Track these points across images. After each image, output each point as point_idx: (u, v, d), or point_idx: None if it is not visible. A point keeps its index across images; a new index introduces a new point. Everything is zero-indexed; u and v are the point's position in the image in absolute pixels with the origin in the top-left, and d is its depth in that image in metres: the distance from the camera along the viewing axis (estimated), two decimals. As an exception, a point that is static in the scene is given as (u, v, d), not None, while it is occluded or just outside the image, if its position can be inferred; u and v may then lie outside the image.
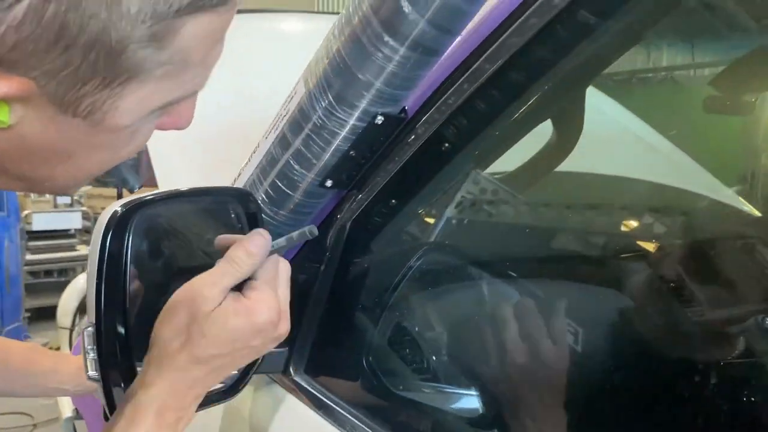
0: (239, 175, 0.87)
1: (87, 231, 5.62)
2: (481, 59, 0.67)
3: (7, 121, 0.41)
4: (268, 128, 0.82)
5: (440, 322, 0.86)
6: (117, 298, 0.61)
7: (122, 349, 0.62)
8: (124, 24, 0.40)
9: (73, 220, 5.31)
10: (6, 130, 0.42)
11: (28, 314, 4.95)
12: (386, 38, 0.67)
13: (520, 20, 0.64)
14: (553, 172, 0.83)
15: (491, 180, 0.79)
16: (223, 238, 0.65)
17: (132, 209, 0.62)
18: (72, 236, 5.44)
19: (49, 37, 0.38)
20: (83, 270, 5.75)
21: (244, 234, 0.76)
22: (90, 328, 0.61)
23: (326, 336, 0.85)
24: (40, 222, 5.02)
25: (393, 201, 0.79)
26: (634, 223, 0.90)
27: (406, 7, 0.65)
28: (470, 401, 0.81)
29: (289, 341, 0.85)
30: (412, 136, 0.74)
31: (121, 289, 0.62)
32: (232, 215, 0.77)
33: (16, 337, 4.06)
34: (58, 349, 4.24)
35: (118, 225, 0.61)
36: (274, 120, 0.81)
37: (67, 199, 5.60)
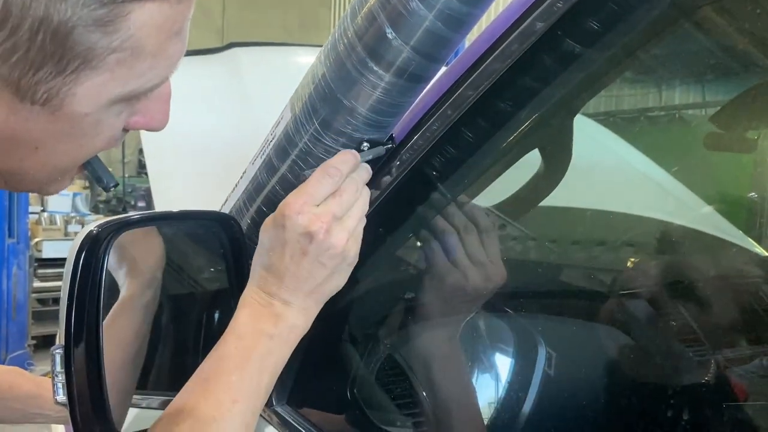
0: (226, 200, 0.86)
1: (96, 259, 5.66)
2: (464, 86, 0.66)
3: None
4: (255, 153, 0.82)
5: (427, 350, 0.84)
6: (89, 321, 0.60)
7: (92, 373, 0.60)
8: (66, 6, 0.41)
9: (82, 249, 5.33)
10: None
11: (34, 342, 4.95)
12: (371, 64, 0.67)
13: (502, 47, 0.63)
14: (543, 206, 0.82)
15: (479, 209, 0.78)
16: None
17: (107, 230, 0.62)
18: (81, 264, 5.46)
19: None
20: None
21: (228, 260, 0.75)
22: (59, 351, 0.60)
23: (311, 366, 0.83)
24: (50, 250, 5.05)
25: (379, 229, 0.78)
26: (630, 259, 0.88)
27: (390, 34, 0.65)
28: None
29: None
30: (397, 162, 0.73)
31: (93, 312, 0.61)
32: (215, 240, 0.76)
33: (19, 364, 4.04)
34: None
35: (92, 245, 0.60)
36: (261, 145, 0.81)
37: (78, 227, 5.64)
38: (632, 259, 0.82)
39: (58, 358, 0.59)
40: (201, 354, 0.71)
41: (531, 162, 0.80)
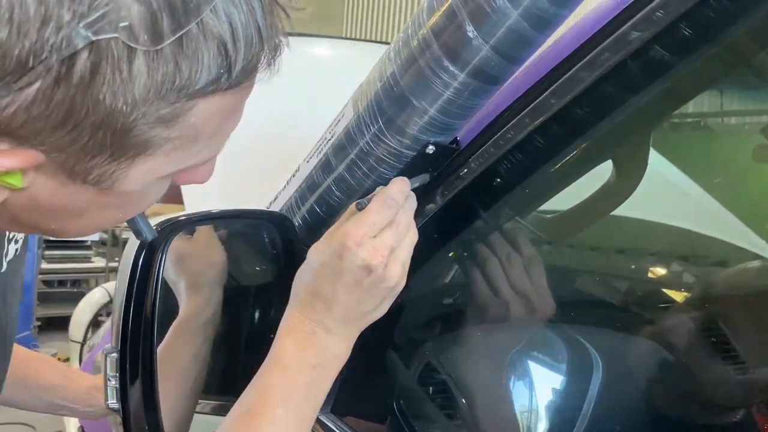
0: (275, 198, 0.83)
1: (103, 243, 5.62)
2: (547, 93, 0.63)
3: (20, 185, 0.42)
4: (310, 151, 0.78)
5: (475, 366, 0.80)
6: (146, 325, 0.57)
7: (146, 379, 0.57)
8: (129, 108, 0.40)
9: (90, 232, 5.30)
10: (19, 192, 0.43)
11: (38, 323, 4.93)
12: (446, 63, 0.63)
13: (591, 54, 0.59)
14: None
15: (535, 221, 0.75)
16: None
17: (164, 232, 0.58)
18: (88, 248, 5.43)
19: (57, 117, 0.39)
20: (97, 283, 5.74)
21: (280, 261, 0.72)
22: (114, 354, 0.56)
23: (355, 374, 0.80)
24: (58, 231, 5.01)
25: (435, 235, 0.74)
26: (691, 274, 0.85)
27: (471, 32, 0.61)
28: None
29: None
30: (464, 170, 0.69)
31: (149, 315, 0.58)
32: (266, 240, 0.73)
33: (24, 345, 4.01)
34: (67, 360, 4.22)
35: (149, 248, 0.57)
36: (317, 143, 0.77)
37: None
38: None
39: (111, 363, 0.56)
40: (249, 357, 0.68)
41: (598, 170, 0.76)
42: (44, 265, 5.07)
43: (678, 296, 0.90)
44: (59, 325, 4.90)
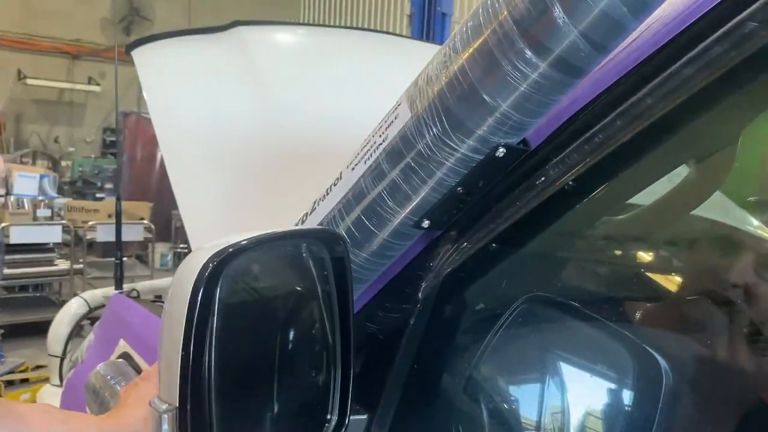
0: (313, 210, 0.74)
1: (66, 244, 5.41)
2: (644, 91, 0.55)
3: None
4: (354, 158, 0.70)
5: (545, 391, 0.73)
6: (205, 374, 0.48)
7: (207, 437, 0.49)
8: None
9: (53, 234, 5.09)
10: None
11: (1, 330, 4.73)
12: (527, 53, 0.55)
13: (699, 48, 0.52)
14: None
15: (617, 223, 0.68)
16: None
17: (223, 262, 0.49)
18: (50, 250, 5.22)
19: None
20: (61, 286, 5.53)
21: (330, 282, 0.65)
22: (171, 412, 0.48)
23: (413, 402, 0.72)
24: (18, 235, 4.80)
25: (504, 248, 0.67)
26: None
27: (559, 16, 0.53)
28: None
29: (370, 407, 0.72)
30: (542, 178, 0.62)
31: (206, 362, 0.49)
32: (311, 260, 0.64)
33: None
34: (37, 368, 4.03)
35: (208, 283, 0.48)
36: (362, 148, 0.69)
37: (47, 212, 5.39)
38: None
39: (168, 420, 0.47)
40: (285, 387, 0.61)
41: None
42: (5, 271, 4.85)
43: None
44: (23, 331, 4.70)
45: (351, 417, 0.67)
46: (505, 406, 0.74)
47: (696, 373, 0.74)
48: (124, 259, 2.25)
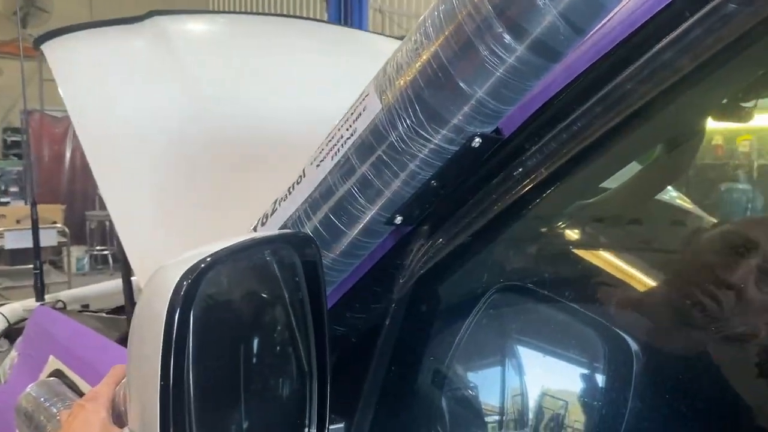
0: (274, 211, 0.70)
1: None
2: (622, 76, 0.54)
3: None
4: (318, 154, 0.66)
5: (522, 379, 0.72)
6: (186, 401, 0.44)
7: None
8: None
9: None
10: None
11: None
12: (505, 35, 0.53)
13: (680, 30, 0.51)
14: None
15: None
16: None
17: (198, 277, 0.45)
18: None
19: None
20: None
21: (302, 289, 0.61)
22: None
23: (390, 407, 0.69)
24: None
25: (480, 240, 0.65)
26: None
27: (539, -2, 0.51)
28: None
29: (346, 414, 0.69)
30: (519, 168, 0.60)
31: (186, 388, 0.44)
32: (281, 267, 0.60)
33: None
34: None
35: (185, 302, 0.43)
36: (327, 143, 0.65)
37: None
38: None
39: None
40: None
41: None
42: None
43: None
44: None
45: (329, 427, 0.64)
46: (484, 399, 0.73)
47: (664, 355, 0.74)
48: (39, 265, 2.10)
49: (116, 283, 2.09)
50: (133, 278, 1.56)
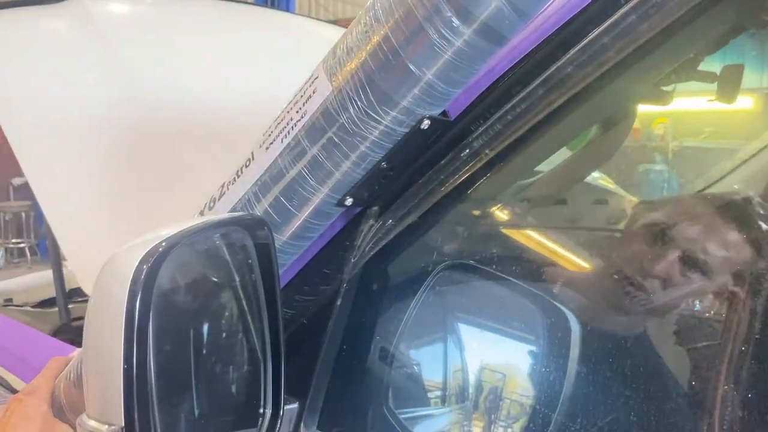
0: (222, 194, 0.69)
1: None
2: (563, 61, 0.57)
3: None
4: (267, 136, 0.66)
5: (465, 354, 0.74)
6: (150, 386, 0.44)
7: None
8: None
9: None
10: None
11: None
12: (453, 19, 0.54)
13: (615, 17, 0.54)
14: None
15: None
16: None
17: (158, 261, 0.45)
18: None
19: None
20: None
21: (254, 270, 0.61)
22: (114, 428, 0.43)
23: (342, 385, 0.71)
24: None
25: (428, 220, 0.66)
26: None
27: (484, -18, 0.53)
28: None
29: (300, 394, 0.70)
30: (467, 151, 0.61)
31: (146, 373, 0.44)
32: (232, 251, 0.60)
33: None
34: None
35: (146, 286, 0.43)
36: (276, 126, 0.65)
37: None
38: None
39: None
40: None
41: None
42: None
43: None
44: None
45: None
46: (432, 375, 0.75)
47: (598, 326, 0.79)
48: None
49: (41, 275, 2.02)
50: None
